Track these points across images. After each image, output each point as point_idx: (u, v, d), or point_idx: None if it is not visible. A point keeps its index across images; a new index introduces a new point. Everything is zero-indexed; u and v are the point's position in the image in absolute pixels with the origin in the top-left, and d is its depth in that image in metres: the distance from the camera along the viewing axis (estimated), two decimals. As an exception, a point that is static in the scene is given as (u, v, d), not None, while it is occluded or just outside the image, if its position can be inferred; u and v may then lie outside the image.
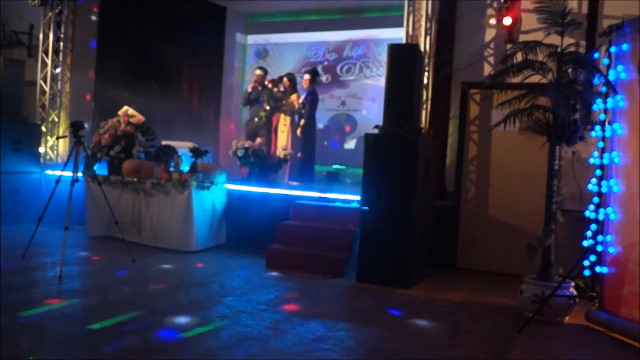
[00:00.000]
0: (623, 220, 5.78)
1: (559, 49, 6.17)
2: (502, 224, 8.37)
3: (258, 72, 10.93)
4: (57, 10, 11.01)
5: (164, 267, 7.63)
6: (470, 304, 6.65)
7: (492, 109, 8.34)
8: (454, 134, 8.77)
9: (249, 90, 10.86)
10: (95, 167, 8.70)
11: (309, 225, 8.13)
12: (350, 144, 12.27)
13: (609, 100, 5.98)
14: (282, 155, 9.84)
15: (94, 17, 11.59)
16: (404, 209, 7.13)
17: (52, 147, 11.14)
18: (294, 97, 10.44)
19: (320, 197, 8.60)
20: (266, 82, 10.77)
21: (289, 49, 12.97)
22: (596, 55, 6.36)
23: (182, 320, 5.42)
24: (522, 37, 8.09)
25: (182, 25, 12.03)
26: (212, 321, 5.44)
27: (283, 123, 10.51)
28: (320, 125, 12.28)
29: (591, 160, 6.16)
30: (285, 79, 10.64)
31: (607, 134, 5.98)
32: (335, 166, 11.22)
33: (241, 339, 5.00)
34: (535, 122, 6.26)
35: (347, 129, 12.35)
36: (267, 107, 10.47)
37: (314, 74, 10.44)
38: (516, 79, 6.39)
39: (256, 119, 10.62)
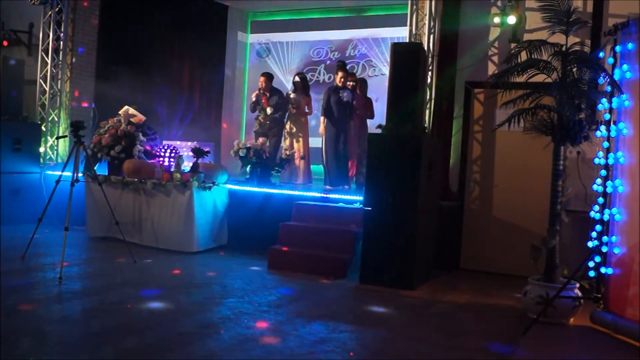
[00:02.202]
0: (628, 221, 5.73)
1: (563, 48, 6.13)
2: (506, 224, 8.33)
3: (262, 79, 10.44)
4: (57, 9, 10.96)
5: (164, 268, 7.58)
6: (475, 305, 6.61)
7: (496, 109, 8.28)
8: (457, 134, 8.72)
9: (253, 99, 10.46)
10: (95, 167, 8.66)
11: (312, 226, 8.09)
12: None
13: (614, 99, 5.93)
14: (284, 156, 9.77)
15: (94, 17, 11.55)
16: (408, 210, 7.08)
17: (52, 147, 11.09)
18: (308, 99, 10.32)
19: (322, 197, 8.55)
20: (263, 100, 10.29)
21: (291, 48, 12.92)
22: (601, 54, 6.30)
23: (183, 321, 5.37)
24: (527, 36, 8.04)
25: (183, 24, 12.00)
26: (214, 323, 5.39)
27: (301, 125, 10.35)
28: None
29: (596, 161, 6.12)
30: (297, 78, 10.44)
31: (612, 133, 5.93)
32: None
33: (243, 341, 4.95)
34: (540, 121, 6.22)
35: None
36: (269, 111, 10.26)
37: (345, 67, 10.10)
38: (520, 79, 6.35)
39: (260, 114, 10.50)
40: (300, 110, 10.24)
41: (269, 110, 10.20)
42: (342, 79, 9.74)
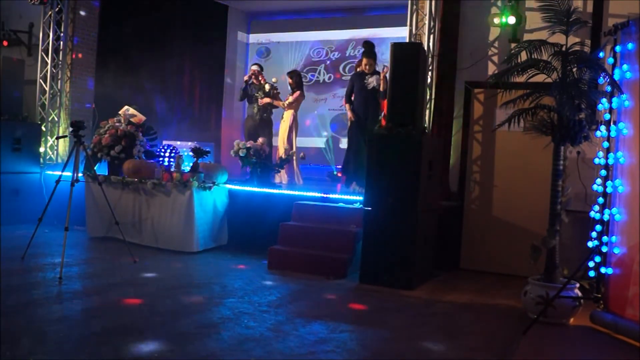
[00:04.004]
0: (628, 221, 5.72)
1: (563, 48, 6.12)
2: (506, 224, 8.32)
3: (254, 67, 10.79)
4: (57, 9, 10.95)
5: (164, 268, 7.58)
6: (475, 305, 6.60)
7: (496, 109, 8.28)
8: (457, 134, 8.72)
9: (246, 79, 10.73)
10: (95, 167, 8.66)
11: (312, 226, 8.08)
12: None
13: (614, 99, 5.92)
14: (284, 156, 9.74)
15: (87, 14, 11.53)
16: (408, 210, 7.08)
17: (52, 147, 11.08)
18: (296, 94, 10.27)
19: (322, 197, 8.54)
20: (260, 78, 10.63)
21: (291, 48, 12.93)
22: (601, 54, 6.29)
23: (183, 321, 5.37)
24: (527, 36, 8.05)
25: (183, 24, 12.00)
26: (213, 323, 5.39)
27: (286, 120, 10.32)
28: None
29: (596, 161, 6.11)
30: (288, 77, 10.48)
31: (612, 133, 5.92)
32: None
33: (243, 341, 4.95)
34: (540, 121, 6.21)
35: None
36: (260, 101, 10.32)
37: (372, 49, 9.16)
38: (520, 79, 6.34)
39: (254, 112, 10.53)
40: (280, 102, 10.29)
41: (267, 87, 10.28)
42: (367, 66, 9.00)
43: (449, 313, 6.22)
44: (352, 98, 9.13)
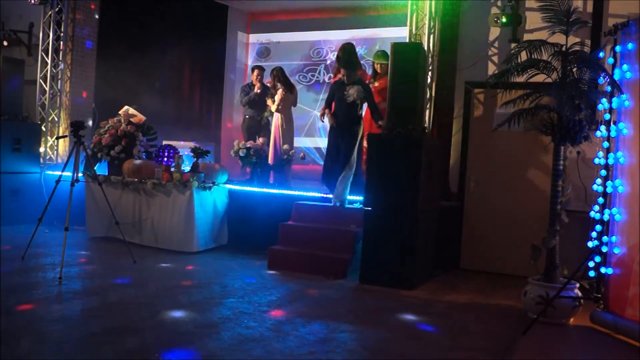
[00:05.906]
0: (628, 221, 5.72)
1: (563, 48, 6.11)
2: (506, 224, 8.30)
3: (257, 71, 10.63)
4: (57, 9, 10.95)
5: (164, 268, 7.58)
6: (475, 305, 6.60)
7: (496, 109, 8.27)
8: (457, 134, 8.72)
9: (258, 92, 10.47)
10: (95, 167, 8.66)
11: (311, 226, 8.07)
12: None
13: (614, 99, 5.92)
14: (285, 156, 9.71)
15: (95, 16, 11.53)
16: (408, 210, 7.07)
17: (52, 147, 11.08)
18: (280, 93, 9.91)
19: (322, 197, 8.54)
20: (266, 82, 10.59)
21: (291, 48, 12.91)
22: (601, 54, 6.28)
23: (183, 321, 5.37)
24: (527, 36, 8.05)
25: (183, 24, 12.00)
26: (213, 323, 5.39)
27: (274, 121, 10.19)
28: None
29: (596, 161, 6.11)
30: (273, 74, 10.23)
31: (612, 133, 5.92)
32: None
33: (243, 341, 4.94)
34: (540, 121, 6.20)
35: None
36: (273, 108, 10.20)
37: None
38: (520, 79, 6.34)
39: (264, 115, 10.46)
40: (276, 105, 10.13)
41: (280, 94, 10.19)
42: (344, 77, 8.08)
43: (449, 313, 6.22)
44: (332, 106, 8.23)
